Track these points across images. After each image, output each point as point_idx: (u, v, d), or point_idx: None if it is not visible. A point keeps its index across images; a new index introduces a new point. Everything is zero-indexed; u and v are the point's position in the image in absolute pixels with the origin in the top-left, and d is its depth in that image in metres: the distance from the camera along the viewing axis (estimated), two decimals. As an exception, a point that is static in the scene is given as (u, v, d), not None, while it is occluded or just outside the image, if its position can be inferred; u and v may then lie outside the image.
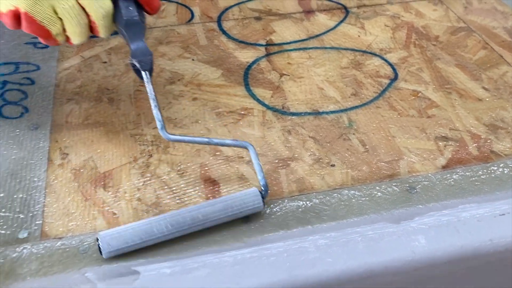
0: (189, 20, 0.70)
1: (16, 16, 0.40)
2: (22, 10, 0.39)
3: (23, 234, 0.43)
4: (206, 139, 0.46)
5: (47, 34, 0.41)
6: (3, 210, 0.44)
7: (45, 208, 0.45)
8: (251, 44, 0.66)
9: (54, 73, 0.60)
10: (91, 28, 0.44)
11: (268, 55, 0.64)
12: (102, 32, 0.44)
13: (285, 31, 0.68)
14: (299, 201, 0.45)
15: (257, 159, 0.44)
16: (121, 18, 0.44)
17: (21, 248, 0.41)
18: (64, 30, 0.42)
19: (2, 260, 0.40)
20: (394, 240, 0.38)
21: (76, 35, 0.42)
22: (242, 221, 0.44)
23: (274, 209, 0.45)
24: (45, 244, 0.42)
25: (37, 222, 0.43)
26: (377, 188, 0.47)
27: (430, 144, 0.51)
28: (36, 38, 0.68)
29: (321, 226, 0.43)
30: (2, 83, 0.59)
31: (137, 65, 0.45)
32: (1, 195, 0.46)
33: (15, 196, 0.46)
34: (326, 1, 0.74)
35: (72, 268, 0.40)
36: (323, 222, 0.43)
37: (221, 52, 0.64)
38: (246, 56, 0.64)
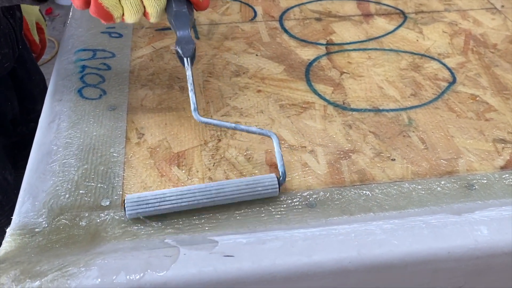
0: (252, 18, 0.74)
1: (87, 1, 0.45)
2: None
3: (105, 202, 0.46)
4: (233, 125, 0.48)
5: (110, 17, 0.46)
6: (87, 180, 0.49)
7: (124, 181, 0.49)
8: (312, 42, 0.68)
9: (128, 60, 0.65)
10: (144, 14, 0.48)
11: (328, 53, 0.66)
12: (152, 20, 0.48)
13: (344, 32, 0.70)
14: (361, 190, 0.48)
15: (279, 148, 0.47)
16: (172, 10, 0.48)
17: (105, 214, 0.45)
18: (122, 14, 0.47)
19: (88, 223, 0.44)
20: (457, 229, 0.40)
21: (131, 19, 0.47)
22: (306, 206, 0.46)
23: (336, 196, 0.47)
24: (126, 212, 0.45)
25: (118, 193, 0.47)
26: (437, 183, 0.48)
27: (488, 145, 0.53)
28: (111, 28, 0.73)
29: (383, 214, 0.45)
30: (82, 67, 0.63)
31: (180, 51, 0.49)
32: (85, 166, 0.50)
33: (97, 168, 0.50)
34: (384, 5, 0.77)
35: (152, 234, 0.43)
36: (385, 211, 0.45)
37: (283, 49, 0.67)
38: (307, 53, 0.66)
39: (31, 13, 0.79)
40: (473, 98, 0.59)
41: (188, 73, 0.49)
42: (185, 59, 0.49)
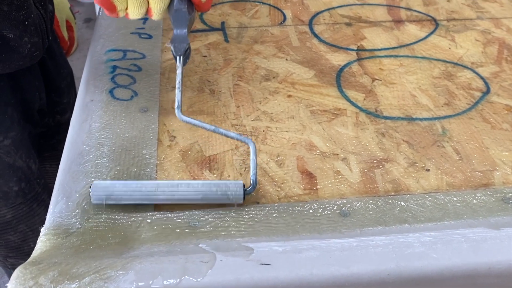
0: (282, 22, 0.74)
1: None
2: None
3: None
4: (213, 127, 0.48)
5: (113, 8, 0.47)
6: (120, 181, 0.49)
7: (157, 184, 0.49)
8: (342, 48, 0.68)
9: (159, 62, 0.65)
10: (147, 10, 0.49)
11: (359, 59, 0.66)
12: (155, 17, 0.49)
13: (375, 38, 0.70)
14: (395, 201, 0.47)
15: (254, 156, 0.46)
16: (172, 7, 0.49)
17: (137, 216, 0.45)
18: (126, 8, 0.48)
19: (121, 225, 0.44)
20: (498, 244, 0.39)
21: (134, 14, 0.48)
22: (340, 214, 0.46)
23: (371, 206, 0.47)
24: (158, 215, 0.45)
25: (150, 195, 0.47)
26: (472, 195, 0.48)
27: (524, 158, 0.52)
28: (140, 29, 0.73)
29: (418, 226, 0.44)
30: (113, 67, 0.64)
31: (172, 49, 0.50)
32: (117, 168, 0.50)
33: (130, 170, 0.50)
34: (416, 12, 0.76)
35: (185, 238, 0.43)
36: (420, 223, 0.45)
37: (313, 54, 0.67)
38: (337, 59, 0.66)
39: (61, 10, 0.80)
40: (508, 109, 0.58)
41: (178, 71, 0.50)
42: (177, 57, 0.50)
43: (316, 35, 0.71)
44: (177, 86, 0.49)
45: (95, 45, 0.68)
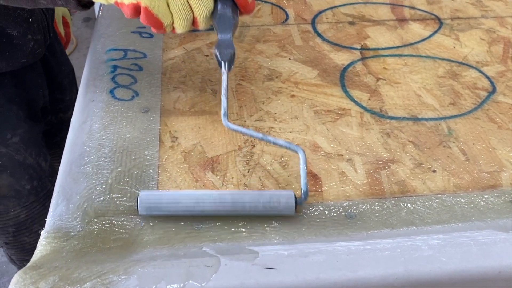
0: (284, 21, 0.73)
1: (136, 9, 0.45)
2: (142, 4, 0.44)
3: (140, 207, 0.46)
4: (261, 135, 0.46)
5: (160, 25, 0.46)
6: (121, 183, 0.48)
7: (159, 185, 0.48)
8: (346, 47, 0.67)
9: (160, 61, 0.64)
10: (193, 21, 0.48)
11: (363, 59, 0.65)
12: (201, 26, 0.48)
13: (379, 37, 0.69)
14: (401, 203, 0.46)
15: (305, 165, 0.44)
16: (216, 13, 0.48)
17: (140, 219, 0.44)
18: (172, 22, 0.47)
19: (123, 228, 0.43)
20: (507, 247, 0.39)
21: (181, 27, 0.47)
22: (345, 217, 0.45)
23: (377, 208, 0.46)
24: (161, 218, 0.44)
25: (152, 197, 0.46)
26: (480, 197, 0.47)
27: (532, 159, 0.51)
28: (141, 28, 0.72)
29: (426, 228, 0.43)
30: (113, 67, 0.63)
31: (218, 54, 0.48)
32: (119, 169, 0.49)
33: (131, 171, 0.49)
34: (419, 10, 0.75)
35: (188, 241, 0.42)
36: (427, 225, 0.44)
37: (316, 53, 0.66)
38: (341, 58, 0.65)
39: (58, 7, 0.79)
40: (515, 108, 0.57)
41: (224, 77, 0.48)
42: (222, 62, 0.48)
43: (319, 34, 0.70)
44: (222, 92, 0.47)
45: (95, 44, 0.67)
